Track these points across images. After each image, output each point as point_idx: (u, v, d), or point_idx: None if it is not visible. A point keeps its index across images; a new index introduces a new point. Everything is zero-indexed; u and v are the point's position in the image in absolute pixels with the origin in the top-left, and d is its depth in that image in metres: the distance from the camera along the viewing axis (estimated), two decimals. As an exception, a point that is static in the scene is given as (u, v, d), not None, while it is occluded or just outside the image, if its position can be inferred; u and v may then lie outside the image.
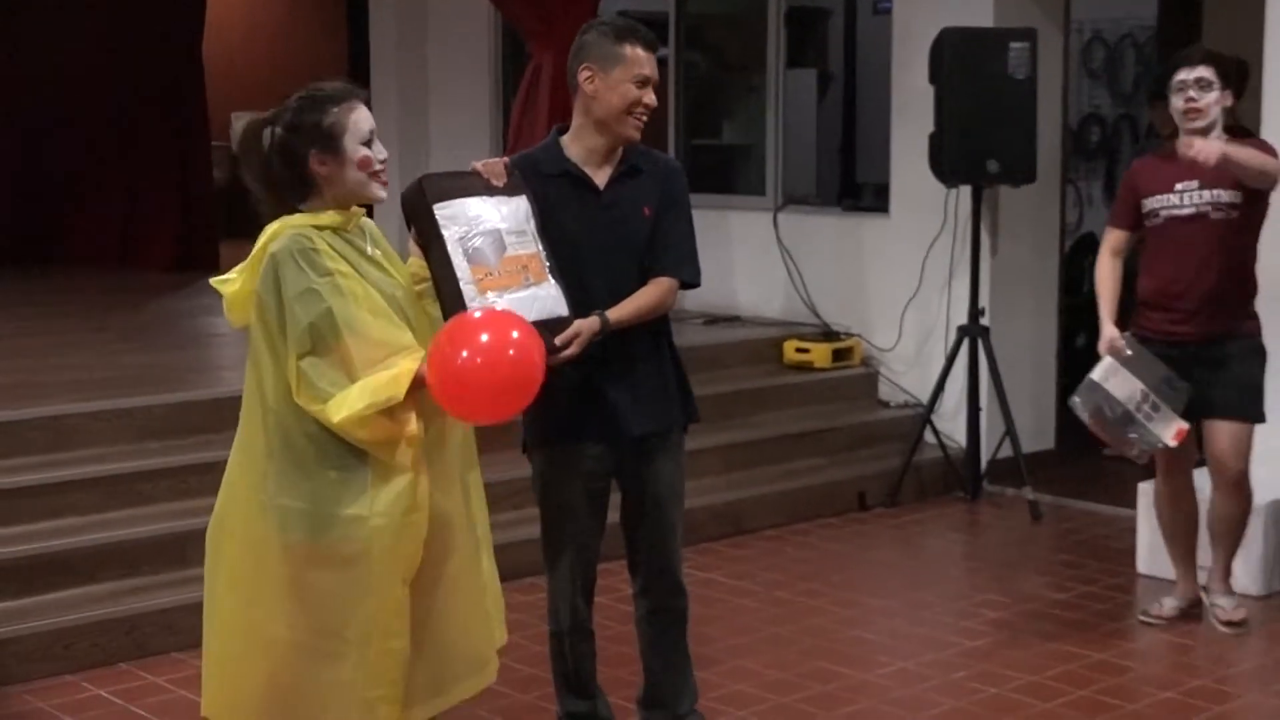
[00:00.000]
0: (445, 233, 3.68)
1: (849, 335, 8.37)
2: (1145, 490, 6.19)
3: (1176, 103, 5.34)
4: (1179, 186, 5.39)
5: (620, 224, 4.13)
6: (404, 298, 3.59)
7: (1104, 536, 6.96)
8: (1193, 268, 5.38)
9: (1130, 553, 6.41)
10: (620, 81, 4.06)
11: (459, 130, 10.42)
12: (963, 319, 7.68)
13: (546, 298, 3.80)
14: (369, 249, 3.57)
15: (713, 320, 8.74)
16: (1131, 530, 6.44)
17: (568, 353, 3.83)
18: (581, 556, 4.26)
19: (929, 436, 7.79)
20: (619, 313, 4.03)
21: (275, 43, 12.77)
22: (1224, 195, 5.35)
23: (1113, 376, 5.41)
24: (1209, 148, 5.06)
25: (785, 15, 8.99)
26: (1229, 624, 5.63)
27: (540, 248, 3.84)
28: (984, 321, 7.63)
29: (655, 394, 4.20)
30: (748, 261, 8.97)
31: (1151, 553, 6.23)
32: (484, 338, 3.34)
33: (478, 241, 3.71)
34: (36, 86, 11.60)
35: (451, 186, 3.81)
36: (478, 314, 3.49)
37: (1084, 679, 5.20)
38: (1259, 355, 5.50)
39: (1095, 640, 5.50)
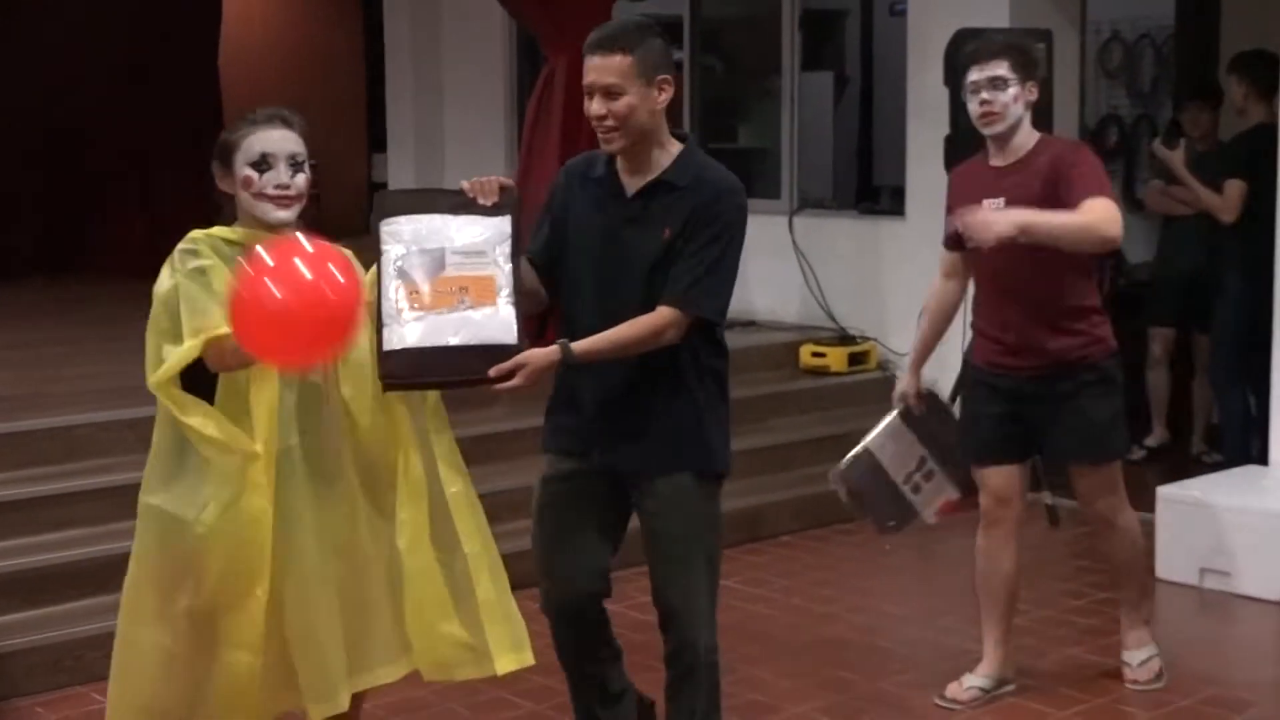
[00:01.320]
0: (384, 249, 3.62)
1: (865, 339, 8.32)
2: (1164, 495, 6.13)
3: (972, 107, 4.70)
4: (987, 203, 4.62)
5: (631, 240, 3.79)
6: None
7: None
8: (1010, 297, 4.74)
9: (1148, 558, 6.34)
10: (586, 93, 3.78)
11: (474, 132, 10.42)
12: (979, 322, 7.61)
13: (484, 322, 3.57)
14: None
15: (729, 325, 8.66)
16: (1149, 536, 6.37)
17: (511, 384, 3.57)
18: (554, 577, 3.99)
19: (946, 440, 7.72)
20: (591, 344, 3.69)
21: (292, 51, 12.78)
22: None
23: (891, 441, 4.98)
24: (991, 224, 4.37)
25: (800, 18, 8.97)
26: (1135, 684, 5.07)
27: (503, 271, 3.62)
28: (1001, 324, 7.56)
29: (657, 433, 3.83)
30: (763, 265, 8.90)
31: (1169, 558, 6.17)
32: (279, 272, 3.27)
33: (414, 260, 3.59)
34: (58, 97, 11.63)
35: (408, 203, 3.73)
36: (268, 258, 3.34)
37: (1101, 687, 5.15)
38: (1105, 385, 4.80)
39: (1112, 647, 5.43)
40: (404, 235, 3.62)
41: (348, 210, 11.14)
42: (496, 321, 3.59)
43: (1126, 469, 5.14)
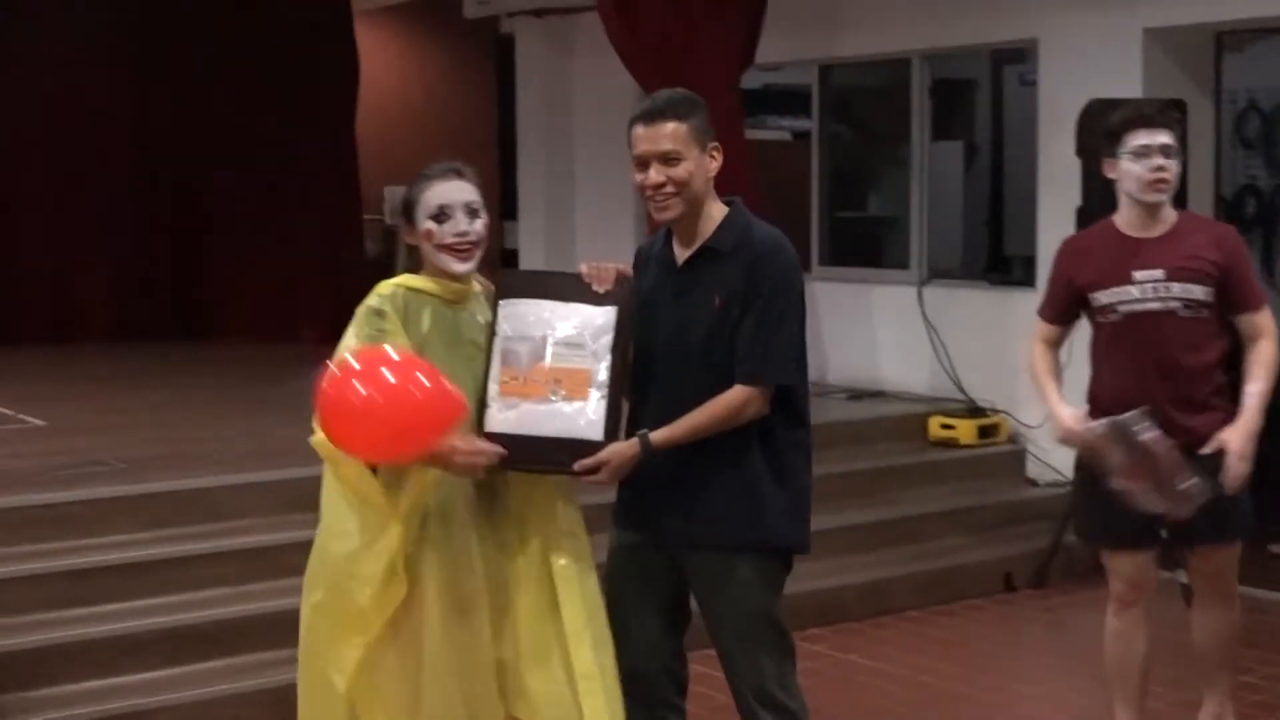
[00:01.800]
0: (497, 329, 3.76)
1: (995, 411, 8.24)
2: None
3: (1137, 171, 4.53)
4: (1139, 276, 4.56)
5: (686, 314, 3.76)
6: (463, 376, 3.68)
7: (1262, 623, 6.72)
8: (1155, 373, 4.54)
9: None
10: (633, 167, 3.79)
11: (604, 201, 10.52)
12: (1112, 395, 7.50)
13: (573, 416, 3.66)
14: (479, 318, 3.77)
15: (857, 395, 8.68)
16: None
17: (595, 478, 3.65)
18: (620, 652, 3.84)
19: (1078, 516, 7.61)
20: (669, 432, 3.69)
21: (426, 118, 13.01)
22: (1196, 290, 4.55)
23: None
24: (1235, 459, 4.42)
25: (930, 87, 8.96)
26: None
27: (601, 364, 3.69)
28: (1134, 398, 7.45)
29: (707, 506, 3.76)
30: (892, 336, 8.90)
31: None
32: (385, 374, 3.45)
33: (519, 345, 3.72)
34: (194, 163, 12.01)
35: (527, 285, 3.86)
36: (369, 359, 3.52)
37: (1239, 774, 5.02)
38: None
39: (1249, 732, 5.31)
40: (515, 318, 3.75)
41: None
42: (585, 417, 3.67)
43: (1268, 547, 4.98)
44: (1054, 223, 7.97)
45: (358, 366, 3.46)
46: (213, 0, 11.96)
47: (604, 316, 3.73)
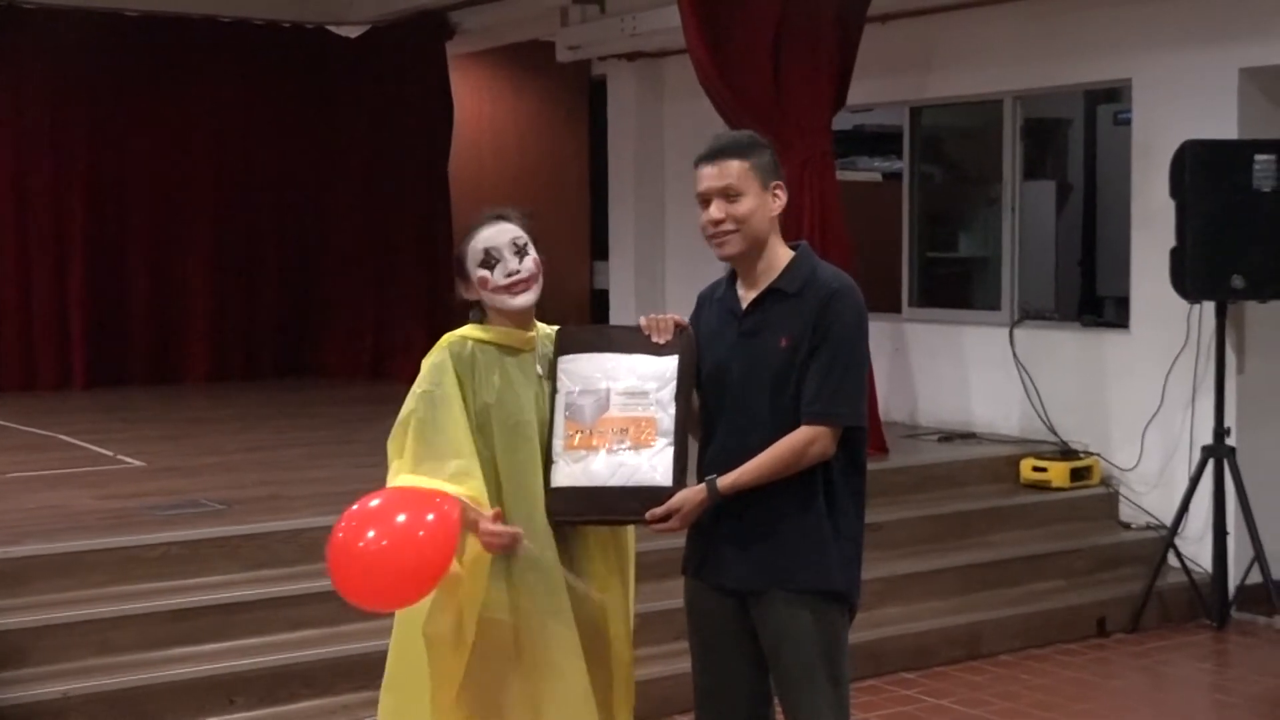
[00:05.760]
0: (559, 386, 3.79)
1: (1088, 454, 8.16)
2: None
3: None
4: None
5: (752, 356, 3.75)
6: (531, 422, 3.74)
7: None
8: None
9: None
10: (699, 207, 3.81)
11: (694, 243, 10.45)
12: (1207, 438, 7.43)
13: (641, 465, 3.68)
14: (538, 369, 3.80)
15: (948, 437, 8.63)
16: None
17: (666, 526, 3.66)
18: (707, 700, 3.88)
19: (1172, 560, 7.52)
20: (737, 477, 3.68)
21: (519, 160, 13.13)
22: None
23: None
24: None
25: (1022, 127, 8.92)
26: None
27: (666, 413, 3.71)
28: (1230, 441, 7.37)
29: (772, 548, 3.73)
30: (983, 377, 8.85)
31: None
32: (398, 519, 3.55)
33: (581, 399, 3.74)
34: (294, 207, 12.25)
35: (587, 340, 3.87)
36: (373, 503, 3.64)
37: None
38: None
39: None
40: (576, 373, 3.78)
41: (567, 317, 11.32)
42: (652, 465, 3.69)
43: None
44: (1148, 263, 7.91)
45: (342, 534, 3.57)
46: (312, 46, 12.22)
47: (665, 365, 3.75)
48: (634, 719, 3.94)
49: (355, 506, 3.62)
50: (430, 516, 3.52)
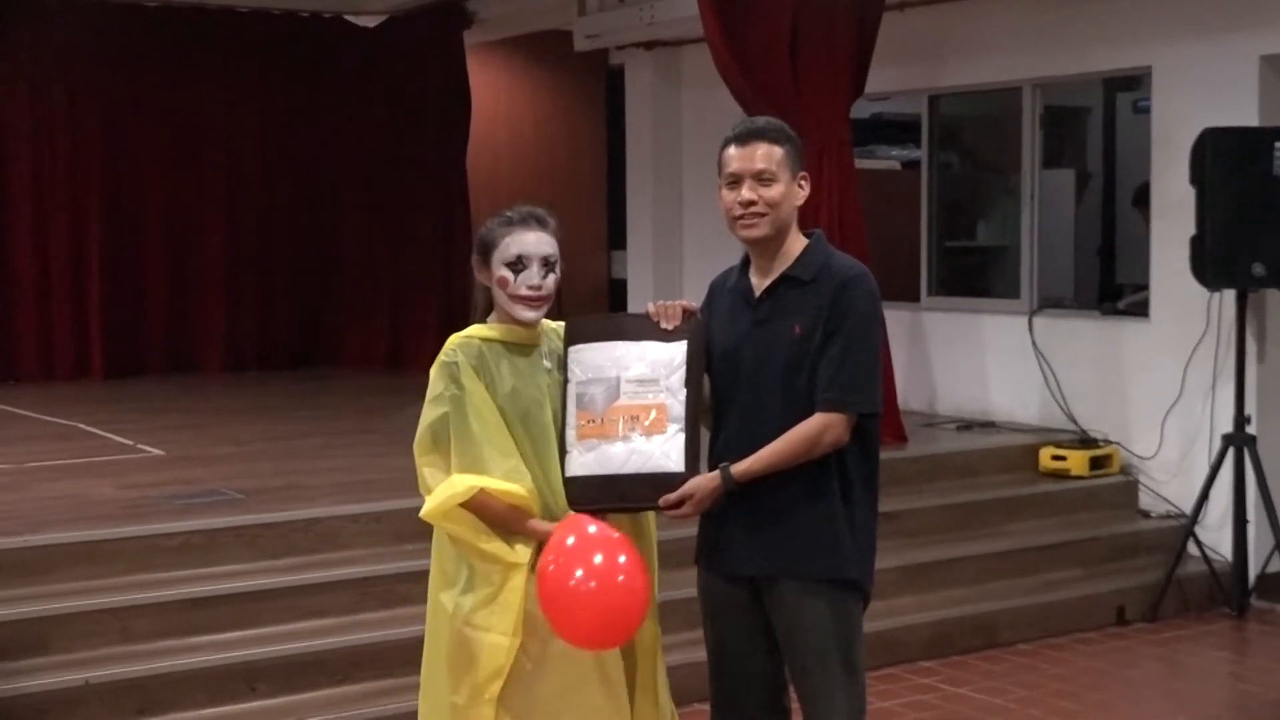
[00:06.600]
0: (570, 376, 3.79)
1: (1107, 442, 8.14)
2: None
3: None
4: None
5: (765, 343, 3.76)
6: (545, 413, 3.75)
7: None
8: None
9: None
10: (721, 188, 3.81)
11: (711, 231, 10.51)
12: (1227, 427, 7.40)
13: (653, 451, 3.68)
14: (545, 363, 3.79)
15: (966, 426, 8.62)
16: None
17: (680, 512, 3.67)
18: (723, 690, 3.92)
19: (1192, 549, 7.49)
20: (750, 464, 3.69)
21: (537, 149, 13.13)
22: None
23: None
24: None
25: (1041, 115, 8.89)
26: None
27: (677, 399, 3.70)
28: (1250, 430, 7.35)
29: (785, 535, 3.74)
30: (1002, 366, 8.83)
31: None
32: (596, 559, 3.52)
33: (593, 388, 3.74)
34: (311, 198, 12.27)
35: (595, 329, 3.87)
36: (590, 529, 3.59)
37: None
38: None
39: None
40: (586, 363, 3.77)
41: (585, 307, 11.37)
42: (664, 451, 3.69)
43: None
44: (1167, 253, 7.88)
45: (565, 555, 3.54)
46: (329, 36, 12.23)
47: (674, 352, 3.75)
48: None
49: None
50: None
